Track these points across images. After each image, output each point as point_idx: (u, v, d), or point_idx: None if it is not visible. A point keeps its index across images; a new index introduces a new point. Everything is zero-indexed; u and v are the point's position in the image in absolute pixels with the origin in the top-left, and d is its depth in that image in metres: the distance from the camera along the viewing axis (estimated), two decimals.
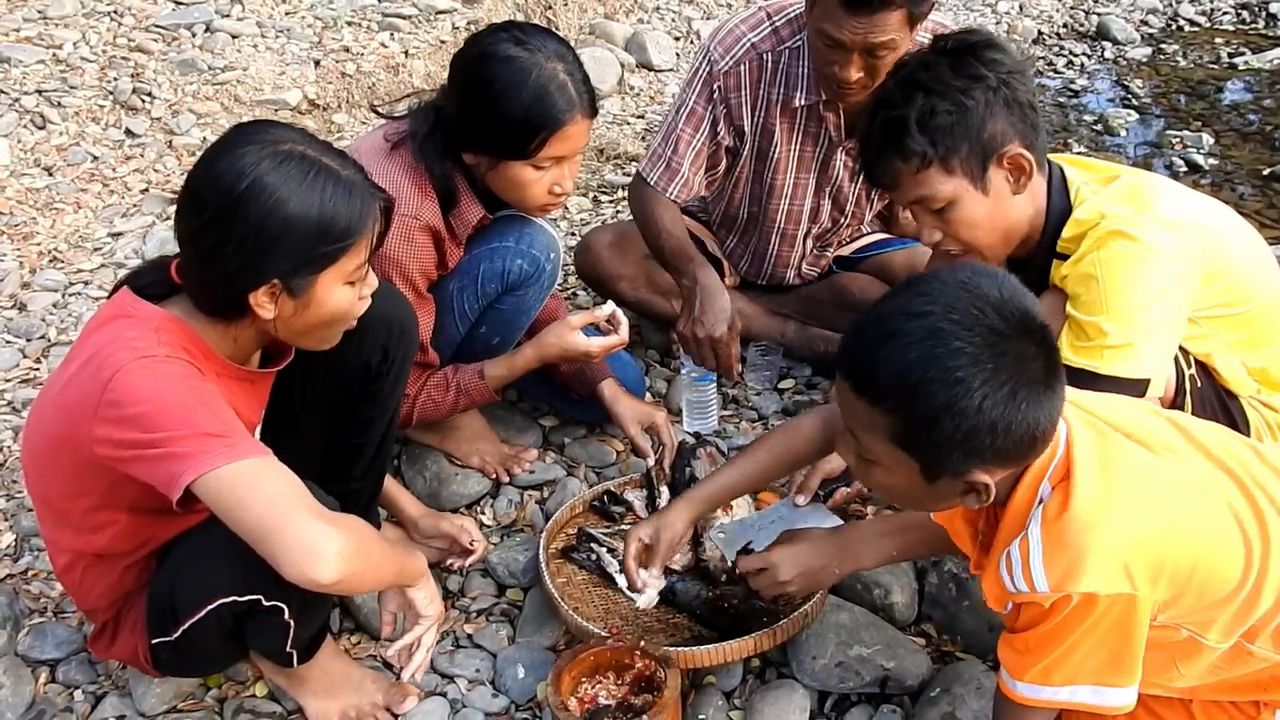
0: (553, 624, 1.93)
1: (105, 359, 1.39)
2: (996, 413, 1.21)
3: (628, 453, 2.36)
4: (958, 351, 1.20)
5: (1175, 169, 3.85)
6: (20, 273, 3.05)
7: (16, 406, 2.51)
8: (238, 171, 1.41)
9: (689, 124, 2.34)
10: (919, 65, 1.71)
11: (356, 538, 1.42)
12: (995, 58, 1.70)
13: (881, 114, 1.72)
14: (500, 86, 1.85)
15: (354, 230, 1.47)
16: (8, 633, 1.89)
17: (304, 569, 1.34)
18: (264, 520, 1.34)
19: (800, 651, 1.83)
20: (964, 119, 1.67)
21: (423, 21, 4.36)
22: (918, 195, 1.73)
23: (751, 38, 2.30)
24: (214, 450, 1.35)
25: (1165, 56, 4.94)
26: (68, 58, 3.92)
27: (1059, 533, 1.27)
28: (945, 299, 1.23)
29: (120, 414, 1.37)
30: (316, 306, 1.50)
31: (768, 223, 2.53)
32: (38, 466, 1.55)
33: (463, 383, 2.08)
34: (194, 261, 1.49)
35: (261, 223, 1.41)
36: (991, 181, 1.71)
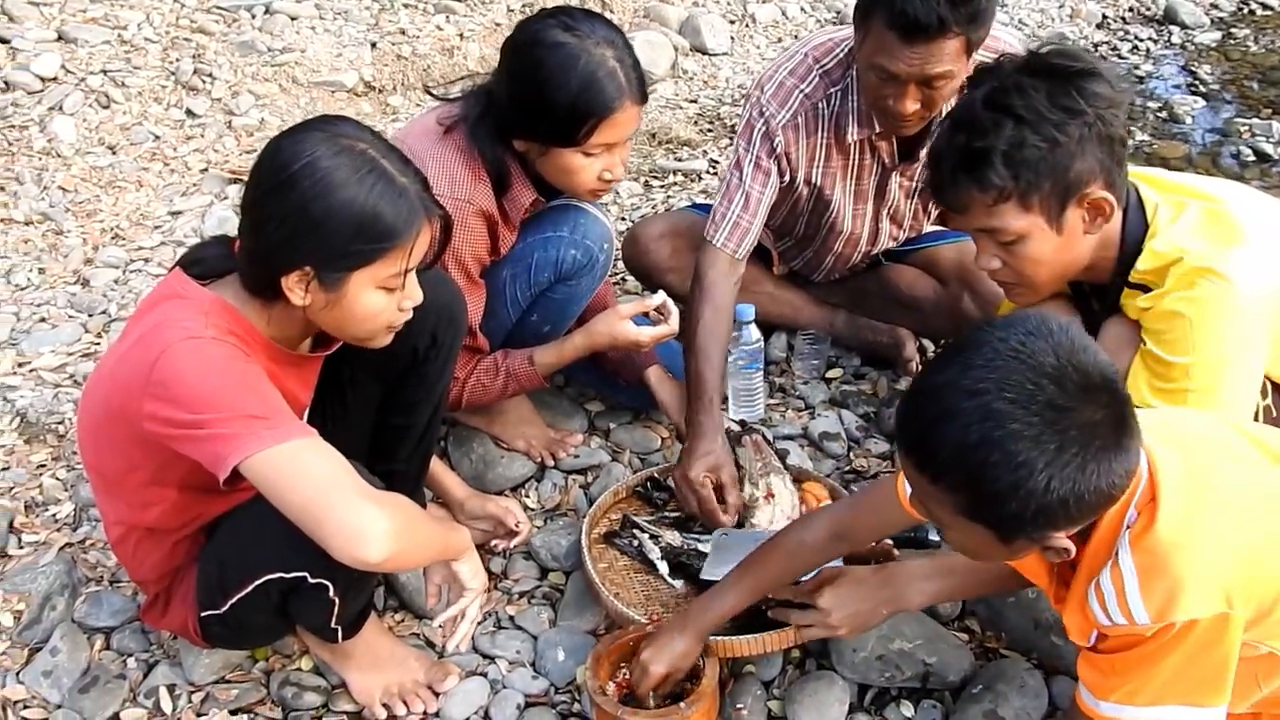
0: (593, 608, 1.94)
1: (155, 338, 1.42)
2: (1066, 489, 1.15)
3: (672, 439, 2.36)
4: (1017, 435, 1.14)
5: (1243, 158, 3.73)
6: (84, 249, 3.12)
7: (78, 380, 2.57)
8: (296, 152, 1.44)
9: (756, 181, 2.22)
10: (1013, 88, 1.57)
11: (402, 516, 1.44)
12: (1095, 90, 1.57)
13: (963, 136, 1.60)
14: (549, 73, 1.84)
15: (395, 234, 1.47)
16: (65, 599, 1.95)
17: (352, 549, 1.36)
18: (312, 501, 1.37)
19: (841, 644, 1.82)
20: (1054, 156, 1.56)
21: (478, 4, 4.38)
22: (988, 226, 1.64)
23: (804, 89, 2.20)
24: (258, 432, 1.37)
25: (1235, 41, 4.80)
26: (132, 38, 4.00)
27: (1152, 560, 1.22)
28: (999, 374, 1.16)
29: (167, 393, 1.40)
30: (347, 304, 1.50)
31: (825, 247, 2.50)
32: (92, 440, 1.59)
33: (512, 368, 2.09)
34: (245, 233, 1.52)
35: (304, 205, 1.42)
36: (1067, 220, 1.61)
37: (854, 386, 2.56)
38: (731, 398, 2.41)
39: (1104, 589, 1.26)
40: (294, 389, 1.60)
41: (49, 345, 2.69)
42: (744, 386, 2.39)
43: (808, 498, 2.08)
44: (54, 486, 2.25)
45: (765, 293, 2.59)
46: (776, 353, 2.65)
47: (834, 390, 2.55)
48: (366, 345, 1.61)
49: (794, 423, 2.44)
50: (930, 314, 2.50)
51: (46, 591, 1.94)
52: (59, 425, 2.41)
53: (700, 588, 1.92)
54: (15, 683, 1.83)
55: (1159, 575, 1.22)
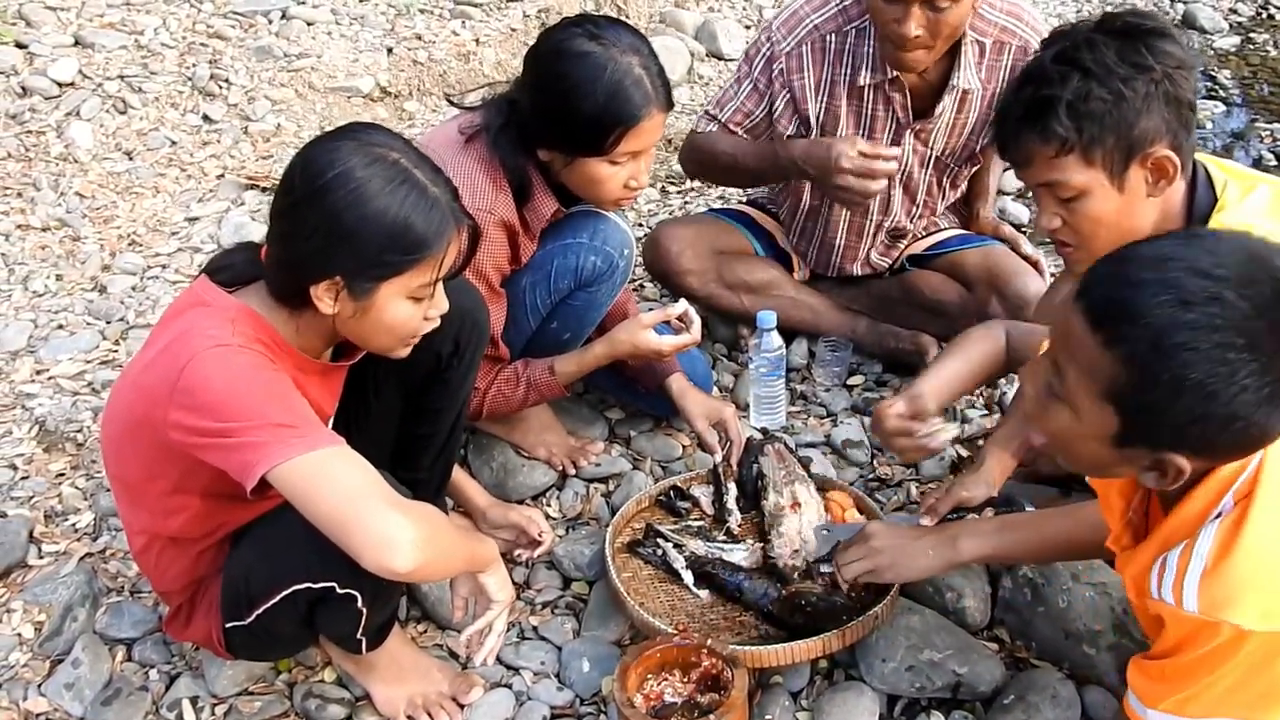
0: (618, 618, 1.92)
1: (181, 346, 1.41)
2: (1245, 410, 1.09)
3: (694, 447, 2.34)
4: (1239, 330, 1.07)
5: (1264, 163, 3.71)
6: (101, 255, 3.12)
7: (96, 388, 2.57)
8: (329, 161, 1.43)
9: (749, 97, 2.35)
10: (1084, 42, 1.58)
11: (430, 526, 1.43)
12: (1167, 49, 1.57)
13: (1030, 88, 1.61)
14: (575, 83, 1.83)
15: (426, 245, 1.46)
16: (86, 610, 1.94)
17: (381, 558, 1.35)
18: (340, 510, 1.36)
19: (869, 654, 1.80)
20: (1119, 110, 1.55)
21: (494, 9, 4.38)
22: (1049, 179, 1.63)
23: (815, 19, 2.28)
24: (287, 440, 1.36)
25: (1255, 46, 4.77)
26: (149, 44, 4.00)
27: (1227, 557, 1.18)
28: (1240, 267, 1.09)
29: (193, 401, 1.38)
30: (376, 313, 1.49)
31: (834, 214, 2.50)
32: (115, 448, 1.58)
33: (533, 378, 2.08)
34: (274, 241, 1.51)
35: (337, 215, 1.41)
36: (1130, 180, 1.60)
37: (876, 393, 2.54)
38: (753, 405, 2.40)
39: (1169, 566, 1.22)
40: (318, 398, 1.59)
41: (67, 353, 2.68)
42: (766, 394, 2.37)
43: (832, 507, 2.05)
44: (73, 495, 2.23)
45: (787, 297, 2.58)
46: (798, 360, 2.63)
47: (856, 397, 2.53)
48: (387, 355, 1.60)
49: (816, 430, 2.42)
50: (957, 318, 2.48)
51: (67, 602, 1.93)
52: (78, 434, 2.40)
53: (726, 598, 1.91)
54: (37, 695, 1.82)
55: (1226, 574, 1.18)
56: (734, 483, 2.12)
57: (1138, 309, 1.12)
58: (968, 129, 2.38)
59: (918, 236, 2.63)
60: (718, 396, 2.45)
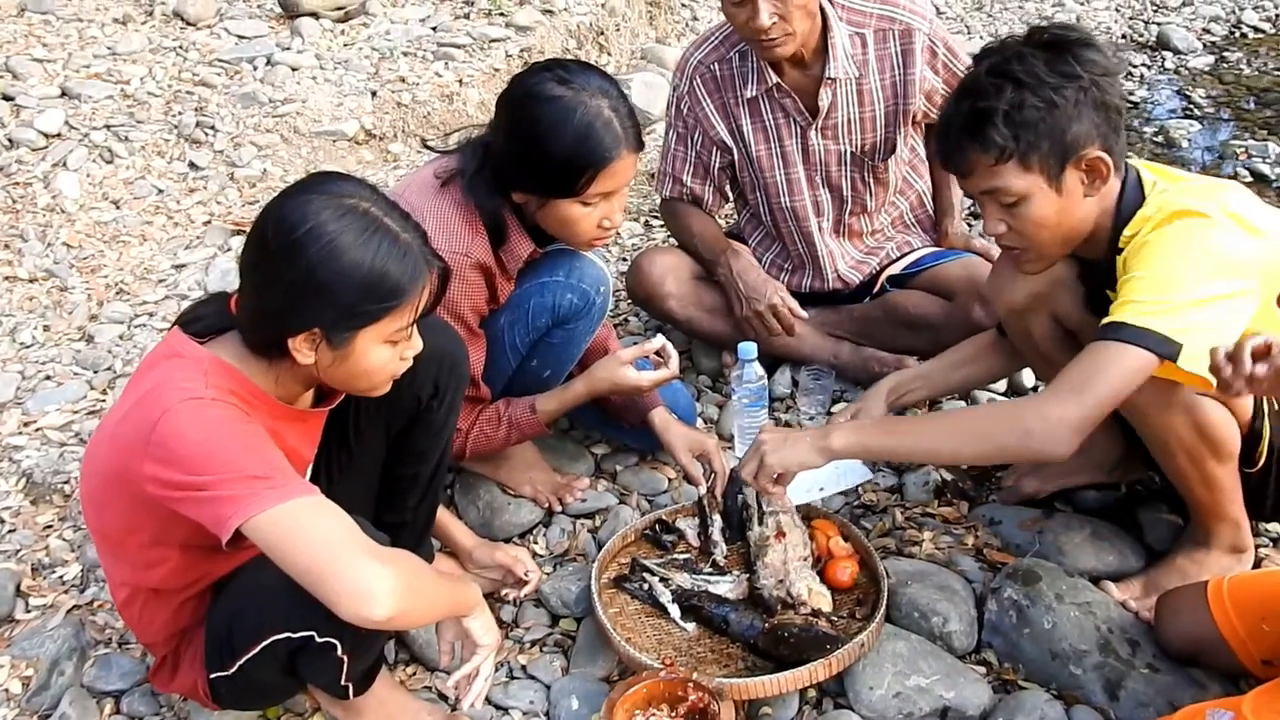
0: (606, 654, 1.92)
1: (155, 399, 1.42)
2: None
3: (680, 480, 2.35)
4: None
5: (1240, 179, 3.74)
6: (88, 305, 3.14)
7: (84, 438, 2.57)
8: (300, 216, 1.44)
9: (679, 144, 2.59)
10: (1014, 55, 1.68)
11: (408, 574, 1.43)
12: (1091, 57, 1.67)
13: (968, 101, 1.70)
14: (546, 127, 1.85)
15: (402, 292, 1.48)
16: (74, 663, 1.94)
17: (357, 608, 1.35)
18: (315, 560, 1.36)
19: (857, 681, 1.80)
20: (1051, 117, 1.65)
21: (476, 50, 4.43)
22: (990, 186, 1.72)
23: (698, 55, 2.51)
24: (259, 492, 1.37)
25: (1228, 65, 4.83)
26: (135, 93, 4.05)
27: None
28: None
29: (167, 454, 1.39)
30: (354, 360, 1.51)
31: (784, 225, 2.62)
32: (94, 502, 1.58)
33: (514, 417, 2.09)
34: (247, 293, 1.52)
35: (313, 269, 1.43)
36: (1066, 182, 1.69)
37: None
38: (737, 436, 2.41)
39: None
40: (297, 445, 1.60)
41: (54, 404, 2.69)
42: (750, 425, 2.38)
43: (817, 535, 2.06)
44: (61, 548, 2.24)
45: None
46: (781, 389, 2.64)
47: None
48: (368, 395, 1.61)
49: None
50: (941, 329, 2.50)
51: (55, 656, 1.92)
52: (65, 485, 2.41)
53: (713, 630, 1.91)
54: None
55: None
56: (719, 514, 2.12)
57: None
58: (877, 121, 2.48)
59: (891, 257, 2.66)
60: (702, 429, 2.47)
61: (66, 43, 4.35)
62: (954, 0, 5.50)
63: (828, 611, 1.88)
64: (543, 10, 4.67)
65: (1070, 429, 1.63)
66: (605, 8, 4.76)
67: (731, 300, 2.55)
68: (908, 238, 2.68)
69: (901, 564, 2.06)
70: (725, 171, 2.60)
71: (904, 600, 1.94)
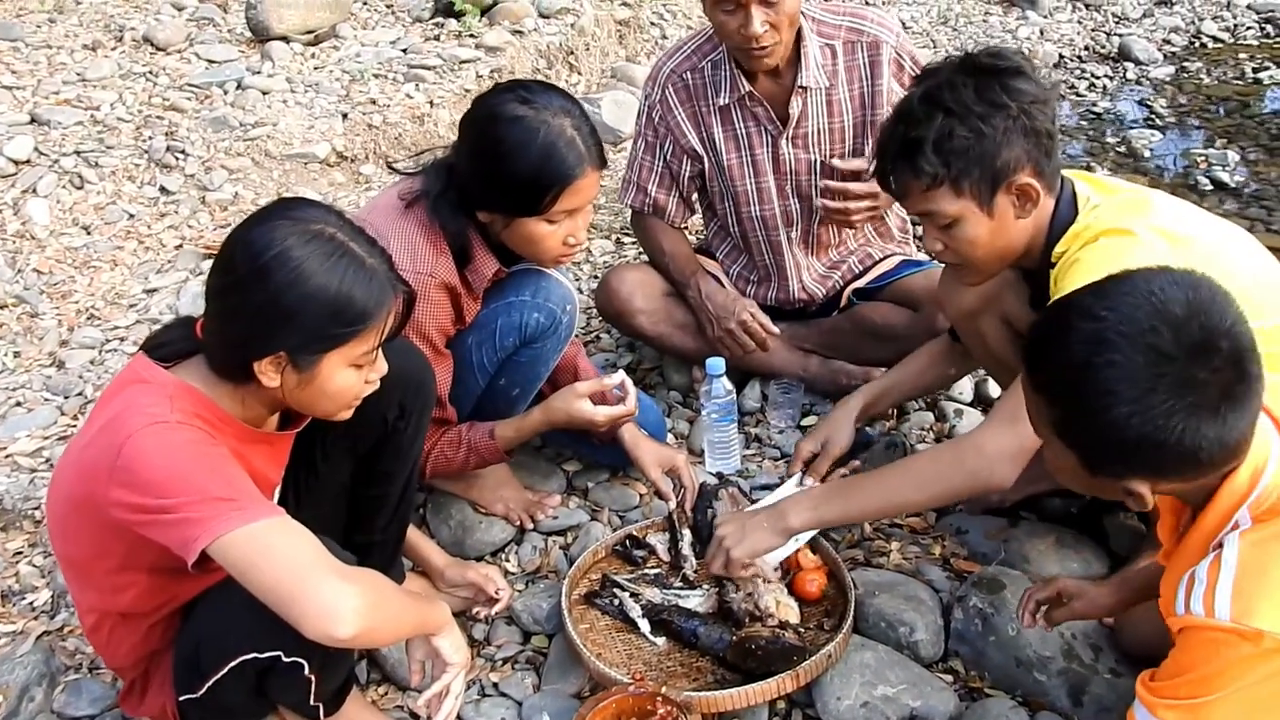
0: (578, 670, 1.93)
1: (120, 424, 1.43)
2: (1146, 430, 1.21)
3: (651, 496, 2.37)
4: (1116, 365, 1.21)
5: (1200, 187, 3.82)
6: (59, 330, 3.13)
7: (54, 464, 2.56)
8: (267, 241, 1.46)
9: (647, 153, 2.62)
10: (945, 83, 1.71)
11: (374, 592, 1.44)
12: (1020, 87, 1.70)
13: (901, 127, 1.74)
14: (510, 147, 1.88)
15: (367, 316, 1.50)
16: (44, 689, 1.94)
17: (322, 626, 1.37)
18: (280, 581, 1.37)
19: (825, 692, 1.82)
20: (979, 145, 1.68)
21: (447, 72, 4.46)
22: (925, 209, 1.76)
23: (670, 64, 2.55)
24: (224, 515, 1.38)
25: (1189, 75, 4.92)
26: (105, 118, 4.05)
27: (1261, 566, 1.24)
28: (1126, 308, 1.23)
29: (133, 479, 1.40)
30: (320, 383, 1.52)
31: (752, 235, 2.66)
32: (60, 528, 1.59)
33: (474, 440, 2.11)
34: (213, 318, 1.53)
35: (279, 294, 1.44)
36: (998, 205, 1.73)
37: None
38: (707, 450, 2.43)
39: (1198, 578, 1.27)
40: (264, 468, 1.61)
41: (24, 430, 2.69)
42: (719, 439, 2.41)
43: None
44: (31, 573, 2.24)
45: None
46: (751, 403, 2.67)
47: None
48: (330, 419, 1.63)
49: (771, 473, 2.45)
50: (906, 339, 2.54)
51: (24, 683, 1.92)
52: (35, 511, 2.40)
53: (683, 644, 1.93)
54: None
55: (1261, 580, 1.23)
56: (689, 528, 2.15)
57: (1044, 356, 1.30)
58: (846, 132, 2.52)
59: (854, 271, 2.69)
60: (673, 444, 2.49)
61: (36, 69, 4.36)
62: (919, 15, 5.57)
63: (795, 623, 1.90)
64: (512, 31, 4.70)
65: (1008, 459, 1.71)
66: (575, 28, 4.80)
67: (703, 322, 2.58)
68: (869, 250, 2.71)
69: (869, 575, 2.08)
70: (694, 181, 2.63)
71: (871, 611, 1.96)
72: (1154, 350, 1.21)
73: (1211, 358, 1.21)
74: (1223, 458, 1.26)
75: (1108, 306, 1.24)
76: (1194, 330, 1.21)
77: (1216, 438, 1.22)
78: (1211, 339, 1.22)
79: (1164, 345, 1.21)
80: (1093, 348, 1.23)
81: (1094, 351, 1.23)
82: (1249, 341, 1.24)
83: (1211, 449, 1.23)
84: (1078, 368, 1.24)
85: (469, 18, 4.69)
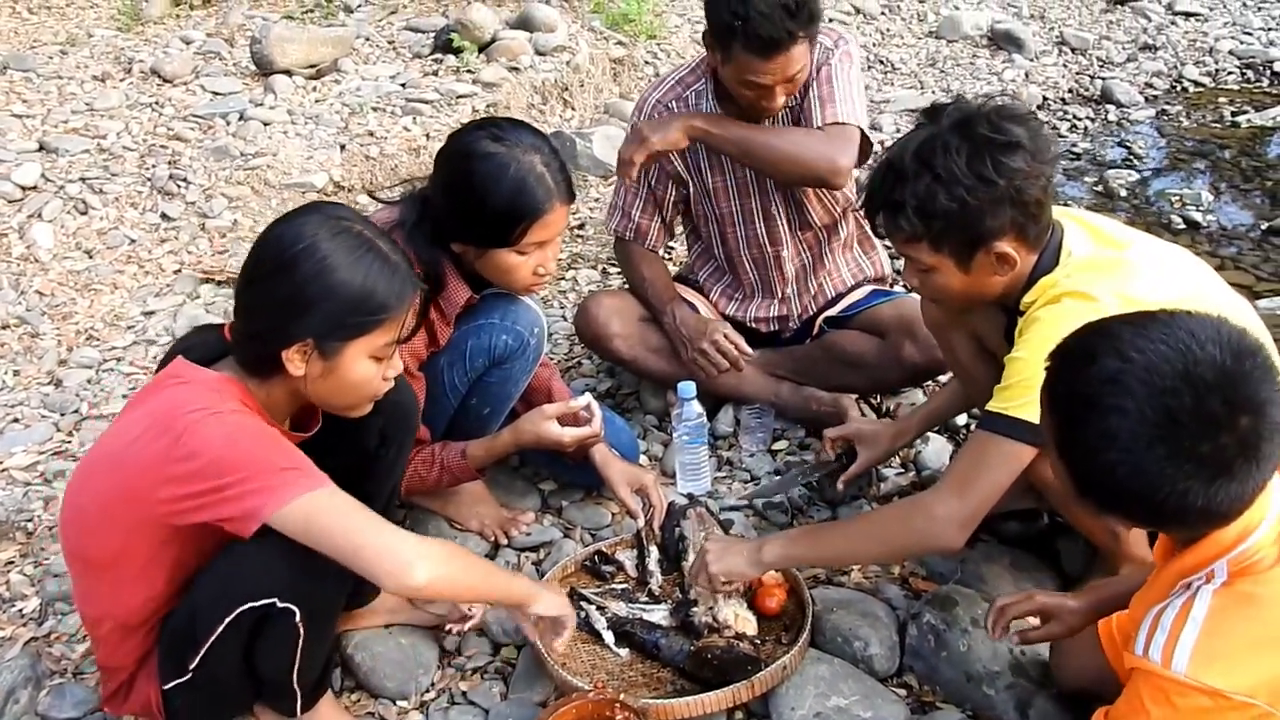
0: (544, 680, 2.00)
1: (172, 419, 1.51)
2: (1134, 484, 1.22)
3: (623, 515, 2.44)
4: (1123, 411, 1.20)
5: (1173, 226, 3.91)
6: (58, 350, 3.23)
7: (49, 477, 2.65)
8: (296, 235, 1.58)
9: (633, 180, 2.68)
10: (940, 145, 1.70)
11: (445, 548, 1.61)
12: (1013, 164, 1.68)
13: (890, 179, 1.76)
14: (481, 181, 1.98)
15: (390, 306, 1.61)
16: (29, 693, 2.00)
17: (397, 572, 1.51)
18: (355, 533, 1.50)
19: (780, 702, 1.88)
20: (962, 212, 1.70)
21: (444, 106, 4.57)
22: (904, 253, 1.83)
23: (655, 95, 2.65)
24: (291, 481, 1.49)
25: (1169, 117, 5.03)
26: (110, 147, 4.17)
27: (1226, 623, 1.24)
28: (1156, 356, 1.20)
29: (194, 466, 1.48)
30: (341, 372, 1.62)
31: (737, 255, 2.75)
32: (83, 526, 1.63)
33: (447, 460, 2.20)
34: (243, 313, 1.64)
35: (308, 282, 1.56)
36: (976, 263, 1.77)
37: (798, 457, 2.66)
38: (679, 471, 2.51)
39: (1162, 625, 1.28)
40: None
41: (21, 445, 2.77)
42: (690, 460, 2.48)
43: None
44: (21, 582, 2.31)
45: None
46: (724, 427, 2.75)
47: (779, 462, 2.65)
48: (348, 414, 1.73)
49: (740, 495, 2.52)
50: (874, 366, 2.64)
51: (10, 686, 1.98)
52: (28, 523, 2.48)
53: (646, 656, 1.99)
54: None
55: (1224, 635, 1.24)
56: (656, 546, 2.22)
57: (1057, 375, 1.32)
58: None
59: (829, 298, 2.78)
60: (646, 465, 2.56)
61: (46, 99, 4.49)
62: (908, 58, 5.71)
63: (752, 635, 1.97)
64: (509, 68, 4.83)
65: (957, 526, 1.76)
66: (570, 65, 4.93)
67: (677, 346, 2.66)
68: (844, 276, 2.80)
69: (830, 592, 2.15)
70: (678, 206, 2.74)
71: (828, 626, 2.03)
72: (1166, 411, 1.18)
73: (1221, 434, 1.18)
74: (1209, 522, 1.26)
75: (1138, 349, 1.21)
76: (1215, 402, 1.17)
77: (1204, 506, 1.21)
78: (1233, 415, 1.18)
79: (1177, 410, 1.18)
80: (1107, 388, 1.21)
81: (1107, 392, 1.21)
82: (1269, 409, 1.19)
83: (1196, 516, 1.23)
84: (1086, 402, 1.23)
85: (467, 54, 4.82)
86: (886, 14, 6.18)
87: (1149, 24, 6.12)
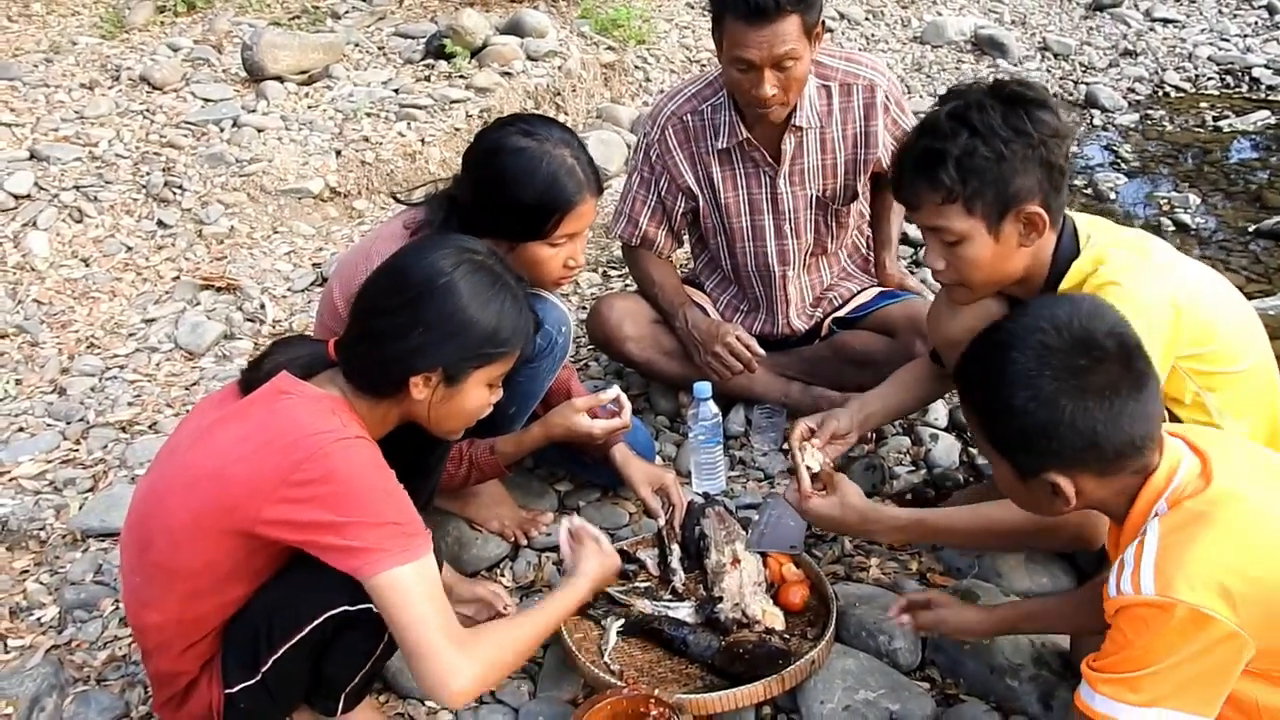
0: (571, 678, 2.01)
1: (296, 439, 1.53)
2: (1042, 413, 1.39)
3: (640, 514, 2.46)
4: (1011, 360, 1.42)
5: (1163, 229, 3.98)
6: (60, 359, 3.20)
7: (58, 486, 2.63)
8: (440, 268, 1.64)
9: (642, 187, 2.74)
10: (974, 104, 1.79)
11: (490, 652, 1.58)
12: (1044, 118, 1.78)
13: (925, 139, 1.82)
14: (514, 175, 2.01)
15: (515, 341, 1.69)
16: (54, 700, 1.99)
17: (437, 694, 1.56)
18: (412, 639, 1.52)
19: (809, 697, 1.90)
20: (998, 168, 1.77)
21: (438, 111, 4.58)
22: (934, 224, 1.85)
23: (670, 107, 2.67)
24: (390, 548, 1.52)
25: (1152, 122, 5.12)
26: (103, 154, 4.15)
27: (1180, 543, 1.34)
28: (1022, 319, 1.46)
29: (313, 493, 1.51)
30: (461, 398, 1.68)
31: (744, 270, 2.77)
32: (172, 536, 1.60)
33: (475, 456, 2.21)
34: (369, 338, 1.65)
35: (450, 315, 1.61)
36: (1004, 230, 1.82)
37: None
38: (694, 471, 2.53)
39: (1125, 562, 1.38)
40: None
41: (28, 454, 2.75)
42: (706, 460, 2.51)
43: (770, 563, 2.18)
44: (38, 591, 2.29)
45: None
46: (736, 427, 2.77)
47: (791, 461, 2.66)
48: (449, 436, 1.79)
49: (755, 494, 2.55)
50: (885, 365, 2.65)
51: (34, 694, 1.98)
52: (40, 531, 2.47)
53: (673, 653, 2.01)
54: None
55: (1178, 555, 1.33)
56: (677, 544, 2.23)
57: (962, 367, 1.53)
58: (839, 169, 2.65)
59: (834, 304, 2.81)
60: (660, 464, 2.58)
61: (35, 107, 4.45)
62: (895, 62, 5.77)
63: (781, 630, 1.99)
64: (501, 73, 4.84)
65: None
66: (562, 70, 4.95)
67: (690, 349, 2.68)
68: (848, 284, 2.84)
69: (850, 588, 2.18)
70: (685, 216, 2.76)
71: (852, 621, 2.06)
72: (1042, 345, 1.41)
73: (1092, 350, 1.40)
74: (1126, 449, 1.41)
75: (1008, 321, 1.48)
76: (1076, 328, 1.41)
77: (1111, 424, 1.38)
78: (1092, 335, 1.41)
79: (1050, 340, 1.41)
80: (993, 350, 1.45)
81: (995, 354, 1.44)
82: (1133, 340, 1.43)
83: (1109, 436, 1.39)
84: (983, 369, 1.46)
85: (459, 59, 4.83)
86: (870, 20, 6.26)
87: (1129, 30, 6.23)
